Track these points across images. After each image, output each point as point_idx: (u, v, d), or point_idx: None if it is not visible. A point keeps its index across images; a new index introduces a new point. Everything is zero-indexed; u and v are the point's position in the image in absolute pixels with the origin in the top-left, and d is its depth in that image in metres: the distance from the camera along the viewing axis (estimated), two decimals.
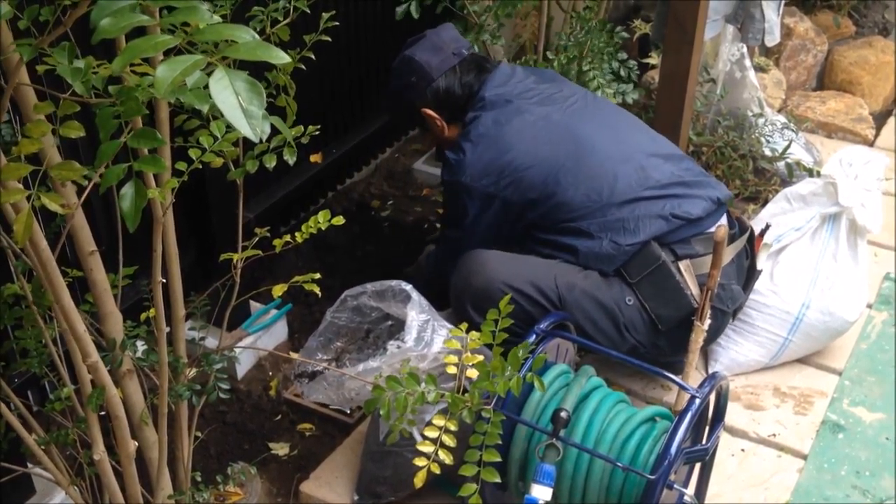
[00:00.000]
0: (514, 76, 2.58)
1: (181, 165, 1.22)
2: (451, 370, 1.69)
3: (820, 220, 2.67)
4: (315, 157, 3.16)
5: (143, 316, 1.75)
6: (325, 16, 1.69)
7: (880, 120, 4.06)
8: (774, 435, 2.52)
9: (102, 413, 1.60)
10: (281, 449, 2.54)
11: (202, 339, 2.04)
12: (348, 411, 2.63)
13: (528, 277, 2.35)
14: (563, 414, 1.83)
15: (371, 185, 3.60)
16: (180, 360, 1.74)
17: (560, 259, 2.42)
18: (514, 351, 1.58)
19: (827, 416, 2.58)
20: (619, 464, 1.86)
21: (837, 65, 4.20)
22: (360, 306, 2.27)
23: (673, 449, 1.81)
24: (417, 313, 2.06)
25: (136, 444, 1.64)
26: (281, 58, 0.79)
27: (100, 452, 1.58)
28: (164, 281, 1.47)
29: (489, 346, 1.64)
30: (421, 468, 1.59)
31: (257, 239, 1.72)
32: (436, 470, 1.58)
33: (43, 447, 1.66)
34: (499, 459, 1.60)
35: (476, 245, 2.51)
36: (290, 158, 1.60)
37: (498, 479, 1.61)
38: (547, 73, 2.72)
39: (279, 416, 2.65)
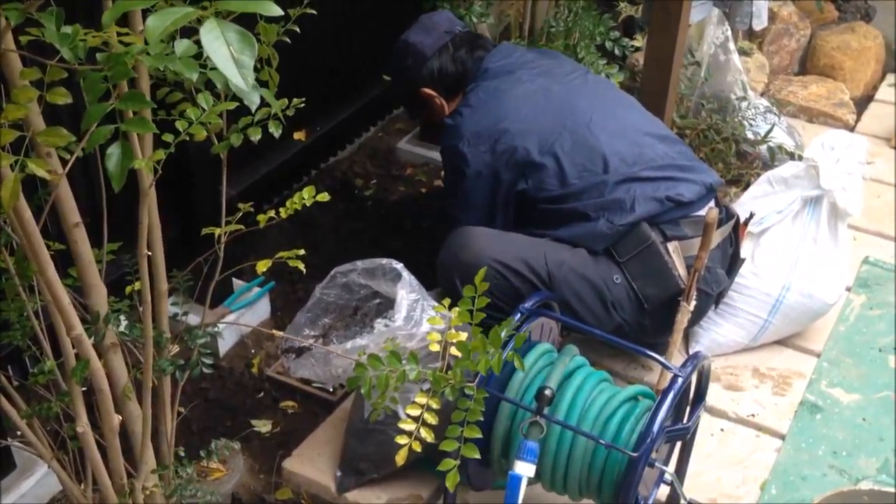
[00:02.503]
0: (517, 51, 2.65)
1: (168, 137, 1.21)
2: (435, 348, 1.69)
3: (801, 203, 2.69)
4: (299, 135, 3.14)
5: (127, 289, 1.74)
6: None
7: (862, 105, 4.09)
8: (753, 415, 2.54)
9: (85, 388, 1.59)
10: (263, 426, 2.54)
11: (185, 314, 2.04)
12: (331, 389, 2.63)
13: (517, 253, 2.36)
14: (547, 392, 1.84)
15: (355, 163, 3.59)
16: (163, 335, 1.73)
17: (549, 237, 2.43)
18: (495, 329, 1.58)
19: (805, 396, 2.61)
20: (602, 441, 1.87)
21: (820, 49, 4.22)
22: (349, 283, 2.27)
23: (655, 427, 1.82)
24: (407, 292, 2.06)
25: (120, 418, 1.63)
26: (274, 10, 0.78)
27: (83, 425, 1.57)
28: (150, 254, 1.46)
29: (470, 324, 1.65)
30: (403, 446, 1.59)
31: (241, 214, 1.72)
32: (417, 448, 1.58)
33: (26, 420, 1.65)
34: (480, 436, 1.60)
35: (470, 213, 2.53)
36: (276, 131, 1.59)
37: (478, 456, 1.61)
38: (548, 51, 2.79)
39: (261, 394, 2.64)
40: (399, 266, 2.16)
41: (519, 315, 2.05)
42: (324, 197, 1.69)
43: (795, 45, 4.19)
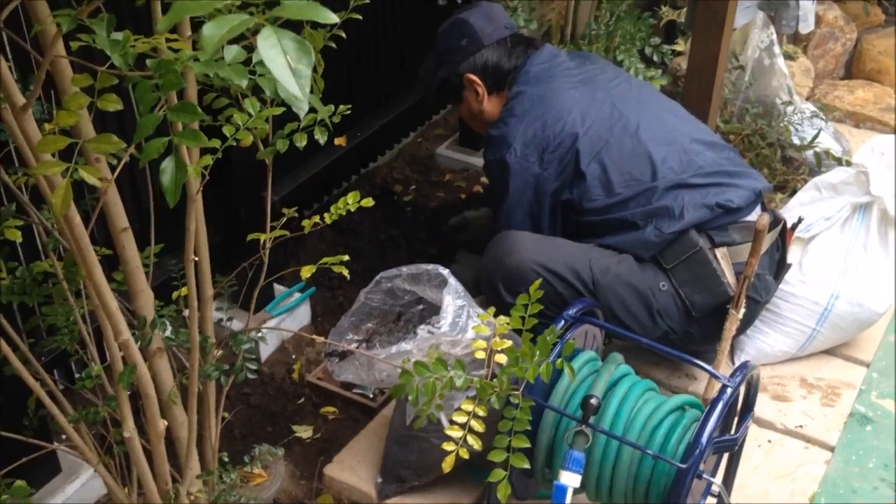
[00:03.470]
0: (559, 55, 2.60)
1: (215, 142, 1.21)
2: (480, 355, 1.67)
3: (850, 210, 2.64)
4: (339, 140, 3.14)
5: (174, 294, 1.74)
6: None
7: None
8: (801, 426, 2.49)
9: (131, 392, 1.60)
10: (304, 432, 2.54)
11: (229, 320, 2.04)
12: (371, 395, 2.62)
13: (562, 259, 2.33)
14: (593, 400, 1.81)
15: (394, 169, 3.58)
16: (208, 340, 1.73)
17: (595, 243, 2.40)
18: (542, 337, 1.56)
19: (855, 407, 2.55)
20: (649, 451, 1.84)
21: (866, 54, 4.14)
22: (393, 289, 2.26)
23: (704, 438, 1.79)
24: (454, 298, 2.04)
25: (166, 423, 1.63)
26: (329, 17, 0.77)
27: (130, 430, 1.57)
28: (196, 260, 1.46)
29: (518, 332, 1.63)
30: (448, 453, 1.57)
31: (285, 219, 1.71)
32: (464, 455, 1.57)
33: (72, 424, 1.66)
34: (528, 445, 1.59)
35: (517, 225, 2.50)
36: (321, 138, 1.59)
37: (527, 465, 1.60)
38: (590, 55, 2.74)
39: (302, 399, 2.64)
40: (445, 272, 2.14)
41: (563, 322, 2.02)
42: (368, 202, 1.68)
43: (841, 49, 4.12)
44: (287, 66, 0.73)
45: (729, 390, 1.85)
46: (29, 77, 1.72)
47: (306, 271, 1.69)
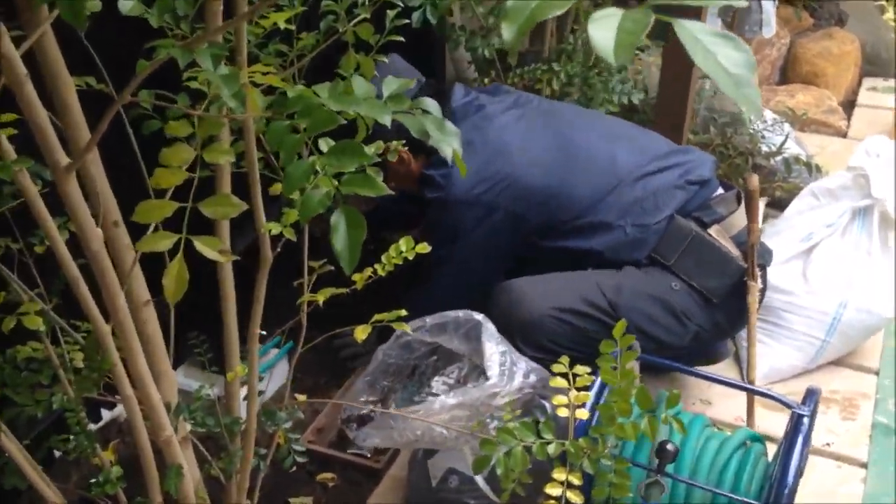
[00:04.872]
0: (471, 91, 2.44)
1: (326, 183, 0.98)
2: (563, 412, 1.47)
3: (851, 215, 2.57)
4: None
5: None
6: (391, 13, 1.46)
7: (846, 111, 4.04)
8: (829, 444, 2.38)
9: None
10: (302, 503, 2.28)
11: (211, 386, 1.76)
12: (368, 454, 2.39)
13: (570, 294, 2.17)
14: (669, 447, 1.64)
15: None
16: (237, 422, 1.49)
17: (585, 265, 2.26)
18: (642, 388, 1.38)
19: (876, 419, 2.46)
20: (738, 497, 1.67)
21: (801, 57, 4.16)
22: (410, 342, 2.04)
23: (790, 476, 1.64)
24: (496, 344, 1.84)
25: None
26: None
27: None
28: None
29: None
30: None
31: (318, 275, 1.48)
32: None
33: None
34: None
35: (475, 265, 2.33)
36: None
37: None
38: (499, 86, 2.60)
39: (293, 468, 2.37)
40: (480, 317, 1.94)
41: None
42: (423, 248, 1.47)
43: (776, 53, 4.12)
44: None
45: (806, 421, 1.71)
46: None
47: (361, 332, 1.46)
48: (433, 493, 2.01)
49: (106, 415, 2.32)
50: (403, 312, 1.50)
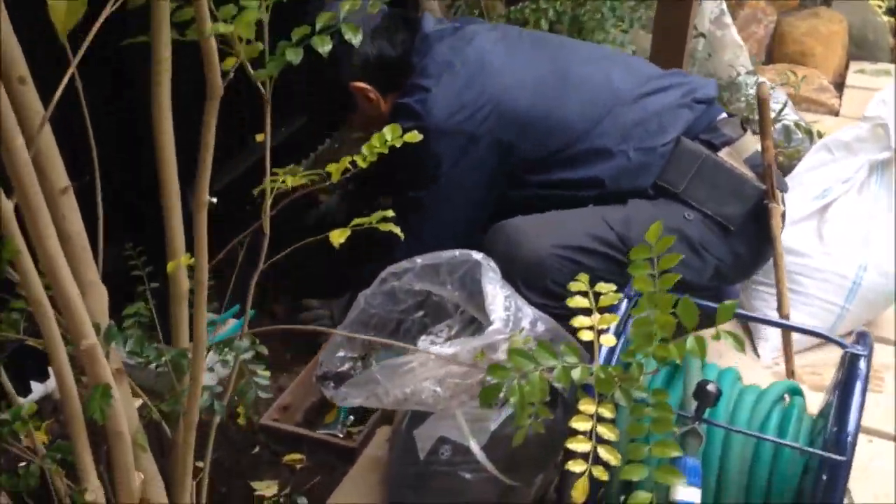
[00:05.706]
0: (443, 20, 2.22)
1: None
2: (586, 336, 1.21)
3: (868, 170, 2.35)
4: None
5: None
6: None
7: (837, 90, 3.86)
8: None
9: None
10: (268, 488, 1.98)
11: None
12: (341, 434, 2.11)
13: (575, 230, 1.93)
14: (710, 387, 1.37)
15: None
16: (184, 353, 1.21)
17: (584, 201, 2.02)
18: (686, 300, 1.13)
19: None
20: (797, 445, 1.42)
21: (788, 36, 3.99)
22: (394, 290, 1.75)
23: (851, 425, 1.40)
24: (500, 287, 1.58)
25: (142, 475, 1.09)
26: None
27: (94, 489, 1.02)
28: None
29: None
30: (579, 475, 1.09)
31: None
32: (603, 476, 1.10)
33: None
34: (678, 453, 1.14)
35: (459, 206, 2.09)
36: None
37: (679, 481, 1.15)
38: (471, 18, 2.43)
39: (257, 448, 2.09)
40: (479, 256, 1.66)
41: (626, 302, 1.59)
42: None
43: (763, 31, 3.95)
44: None
45: (863, 362, 1.47)
46: None
47: (338, 236, 1.19)
48: (421, 468, 1.74)
49: (38, 389, 2.01)
50: (390, 213, 1.24)
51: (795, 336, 2.31)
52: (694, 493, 1.36)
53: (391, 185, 2.24)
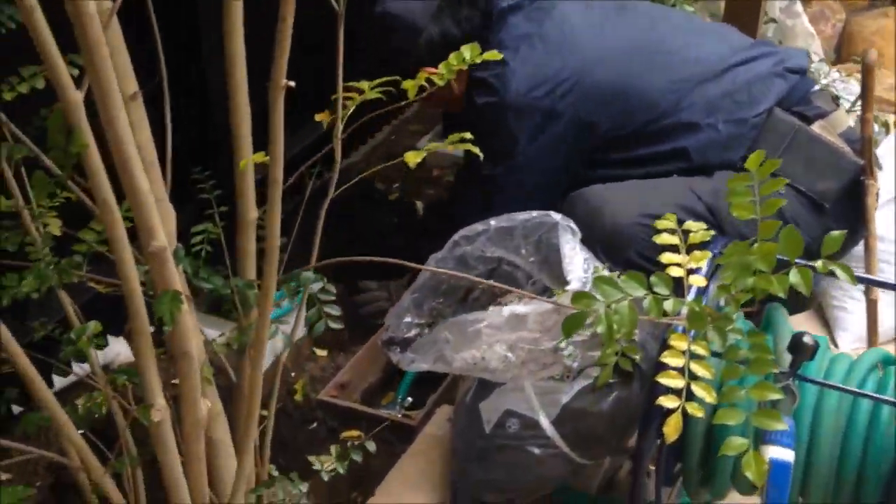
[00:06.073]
0: None
1: None
2: (676, 272, 1.13)
3: None
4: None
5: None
6: None
7: None
8: None
9: None
10: (325, 463, 1.90)
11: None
12: (400, 413, 2.04)
13: (662, 198, 1.83)
14: (806, 339, 1.28)
15: (371, 166, 3.02)
16: (251, 285, 1.15)
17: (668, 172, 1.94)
18: (791, 229, 1.05)
19: None
20: None
21: (858, 35, 3.87)
22: (465, 256, 1.67)
23: None
24: (579, 250, 1.50)
25: (209, 403, 1.03)
26: None
27: (161, 408, 0.96)
28: None
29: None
30: (672, 411, 1.01)
31: None
32: (699, 413, 1.01)
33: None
34: (778, 395, 1.05)
35: (532, 185, 2.00)
36: None
37: (784, 427, 1.06)
38: None
39: (314, 424, 2.03)
40: (558, 217, 1.57)
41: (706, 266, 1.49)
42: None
43: (831, 30, 3.84)
44: None
45: None
46: None
47: (412, 157, 1.13)
48: (487, 440, 1.65)
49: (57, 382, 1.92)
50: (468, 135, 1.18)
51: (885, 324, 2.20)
52: (787, 454, 1.27)
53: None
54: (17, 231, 1.08)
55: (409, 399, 2.10)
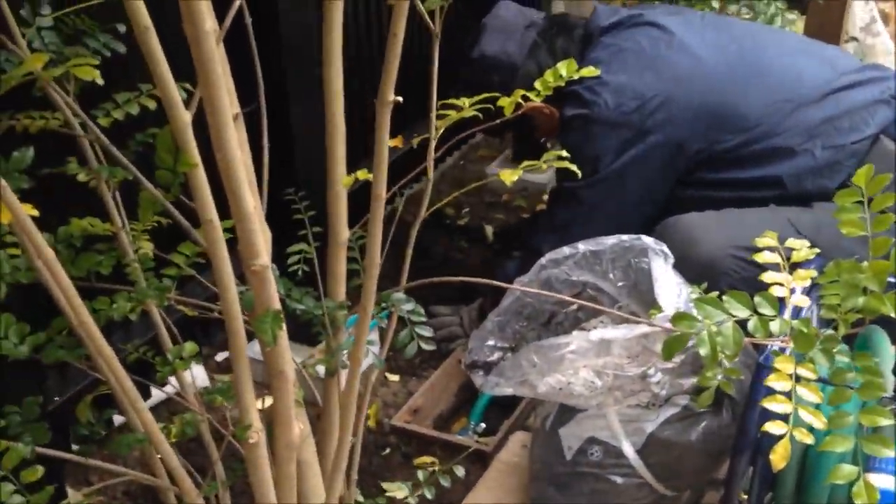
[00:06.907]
0: (618, 10, 2.10)
1: None
2: (779, 292, 1.10)
3: None
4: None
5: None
6: None
7: None
8: None
9: None
10: (399, 490, 1.88)
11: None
12: (476, 438, 2.02)
13: (758, 231, 1.75)
14: None
15: (441, 192, 3.03)
16: (343, 306, 1.14)
17: (762, 202, 1.88)
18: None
19: None
20: None
21: None
22: (550, 279, 1.65)
23: None
24: (672, 274, 1.46)
25: (302, 425, 1.02)
26: None
27: (257, 432, 0.95)
28: None
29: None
30: (779, 437, 0.97)
31: None
32: (808, 439, 0.98)
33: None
34: (891, 421, 1.01)
35: (615, 205, 1.97)
36: None
37: (889, 452, 1.01)
38: (645, 4, 2.29)
39: (387, 450, 2.01)
40: (649, 241, 1.54)
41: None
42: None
43: None
44: None
45: None
46: None
47: (509, 175, 1.11)
48: (568, 467, 1.62)
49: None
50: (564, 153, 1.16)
51: None
52: (889, 481, 1.22)
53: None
54: (110, 254, 1.09)
55: (483, 425, 2.08)
